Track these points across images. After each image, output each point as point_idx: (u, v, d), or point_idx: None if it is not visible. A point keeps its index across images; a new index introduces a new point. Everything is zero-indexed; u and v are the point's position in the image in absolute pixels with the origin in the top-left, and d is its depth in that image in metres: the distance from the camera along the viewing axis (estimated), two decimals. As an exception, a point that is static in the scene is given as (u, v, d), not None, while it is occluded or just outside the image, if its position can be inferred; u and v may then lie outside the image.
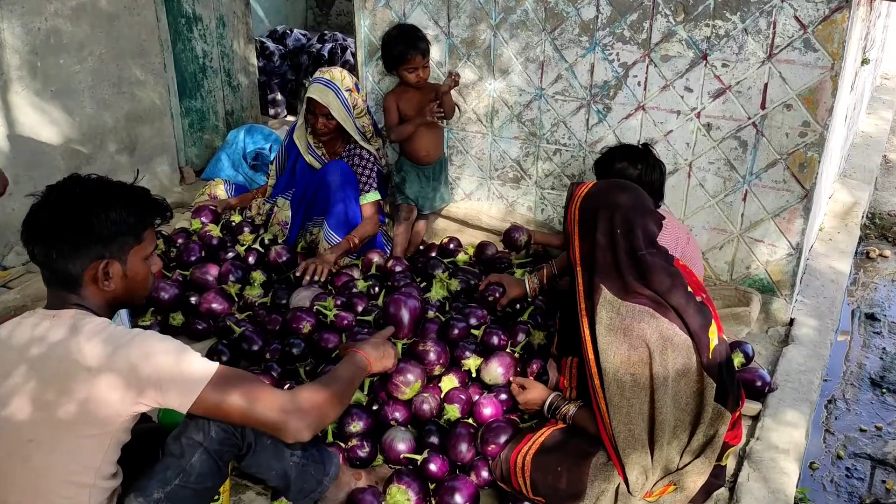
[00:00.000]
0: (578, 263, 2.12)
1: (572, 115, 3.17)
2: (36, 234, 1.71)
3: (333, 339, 2.62)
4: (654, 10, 2.86)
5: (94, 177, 1.81)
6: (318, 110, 3.25)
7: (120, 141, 3.91)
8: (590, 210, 2.08)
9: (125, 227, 1.74)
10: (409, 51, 3.19)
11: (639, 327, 1.98)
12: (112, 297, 1.77)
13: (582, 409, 2.18)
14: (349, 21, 7.48)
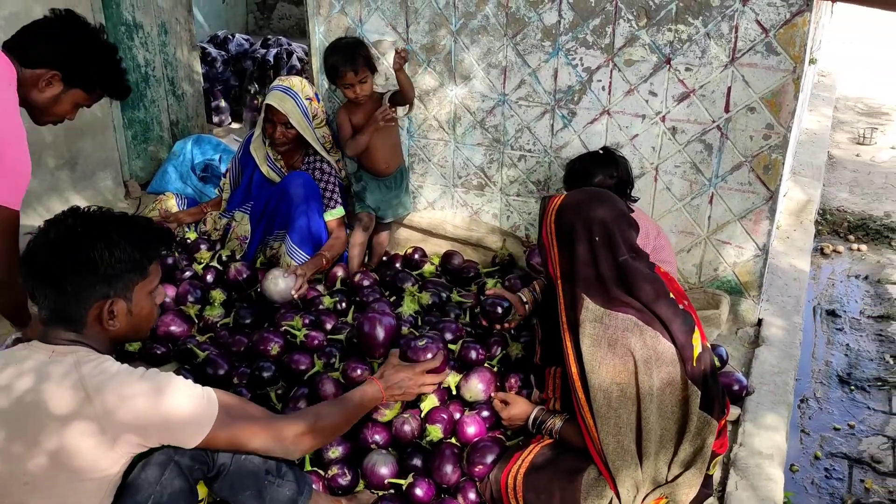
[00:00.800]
0: (559, 277, 2.08)
1: (537, 121, 3.13)
2: (36, 274, 1.61)
3: (304, 361, 2.52)
4: (616, 15, 2.84)
5: (94, 209, 1.71)
6: (277, 118, 3.14)
7: (60, 156, 3.71)
8: (566, 223, 2.04)
9: (130, 263, 1.64)
10: (341, 66, 3.04)
11: (623, 337, 1.95)
12: (116, 335, 1.68)
13: (568, 423, 2.14)
14: (292, 25, 7.34)
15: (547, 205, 2.11)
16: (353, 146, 3.20)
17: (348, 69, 3.02)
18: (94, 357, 1.61)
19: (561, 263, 2.05)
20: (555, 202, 2.10)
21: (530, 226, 3.35)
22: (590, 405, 2.01)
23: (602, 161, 2.70)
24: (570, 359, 2.05)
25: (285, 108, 3.11)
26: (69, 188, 3.79)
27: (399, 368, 2.16)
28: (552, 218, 2.07)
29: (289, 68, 5.73)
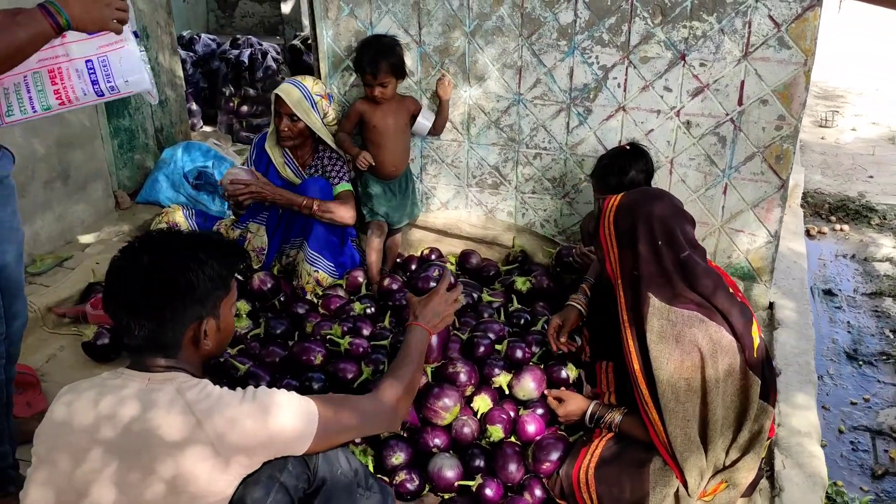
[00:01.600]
0: (619, 277, 2.12)
1: (552, 119, 3.18)
2: (133, 305, 1.56)
3: (352, 369, 2.52)
4: (632, 14, 2.91)
5: (170, 231, 1.68)
6: (284, 110, 3.10)
7: (52, 169, 3.60)
8: (626, 223, 2.08)
9: (219, 281, 1.63)
10: (367, 67, 3.05)
11: (690, 333, 2.02)
12: (208, 354, 1.66)
13: (628, 417, 2.20)
14: (255, 23, 7.23)
15: (604, 206, 2.15)
16: (339, 140, 3.21)
17: (367, 71, 3.03)
18: (195, 382, 1.59)
19: (622, 263, 2.10)
20: (611, 203, 2.15)
21: (545, 222, 3.40)
22: (653, 399, 2.07)
23: (633, 156, 2.76)
24: (633, 355, 2.10)
25: (292, 99, 3.07)
26: (63, 201, 3.68)
27: (424, 302, 2.17)
28: (611, 219, 2.11)
29: (264, 69, 5.65)
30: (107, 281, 1.62)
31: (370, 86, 3.07)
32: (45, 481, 1.49)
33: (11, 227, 2.05)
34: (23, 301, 2.17)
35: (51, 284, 3.27)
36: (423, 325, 2.12)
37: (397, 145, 3.24)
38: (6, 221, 2.03)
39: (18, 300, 2.13)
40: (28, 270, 3.39)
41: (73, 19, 1.83)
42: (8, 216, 2.03)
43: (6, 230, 2.03)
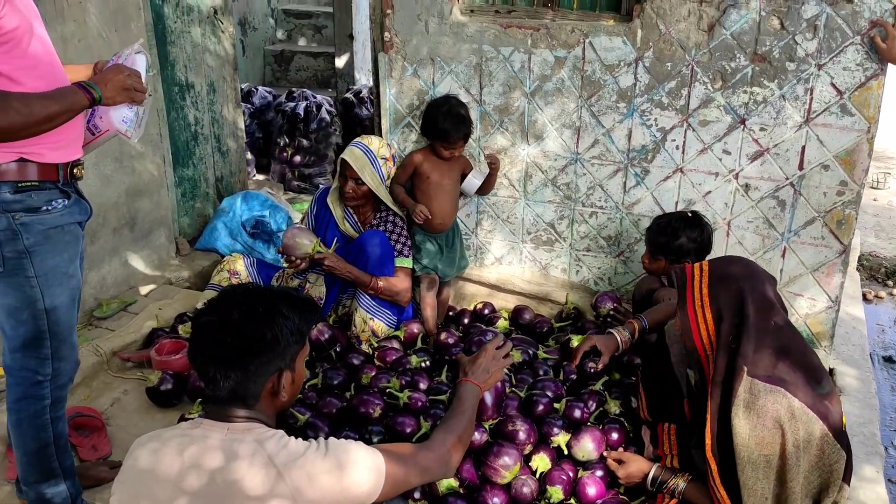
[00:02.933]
0: (711, 347, 2.09)
1: (609, 179, 3.22)
2: (222, 358, 1.61)
3: (411, 423, 2.53)
4: (692, 79, 2.96)
5: (251, 287, 1.75)
6: (350, 173, 3.20)
7: (121, 216, 3.73)
8: (724, 295, 2.06)
9: (298, 335, 1.68)
10: (454, 134, 3.15)
11: (773, 408, 1.98)
12: (282, 405, 1.71)
13: (692, 484, 2.18)
14: (309, 76, 7.45)
15: (687, 276, 2.14)
16: (394, 193, 3.28)
17: (459, 139, 3.16)
18: (272, 433, 1.63)
19: (718, 332, 2.06)
20: (697, 275, 2.12)
21: (599, 280, 3.42)
22: (721, 474, 2.04)
23: (690, 223, 2.79)
24: (709, 426, 2.08)
25: (358, 164, 3.16)
26: (129, 247, 3.80)
27: (474, 359, 2.24)
28: (704, 290, 2.09)
29: (318, 121, 5.81)
30: (195, 334, 1.68)
31: (451, 149, 3.17)
32: (129, 529, 1.54)
33: (66, 272, 2.13)
34: (70, 346, 2.21)
35: (116, 329, 3.36)
36: (473, 380, 2.17)
37: (448, 200, 3.31)
38: (61, 267, 2.10)
39: (65, 345, 2.18)
40: (94, 314, 3.49)
41: (104, 96, 2.06)
42: (64, 262, 2.11)
43: (60, 275, 2.10)
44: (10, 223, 1.99)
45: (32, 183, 2.00)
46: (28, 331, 2.10)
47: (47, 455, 2.22)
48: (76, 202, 2.13)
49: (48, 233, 2.05)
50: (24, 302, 2.07)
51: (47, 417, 2.19)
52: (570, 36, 3.06)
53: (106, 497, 2.46)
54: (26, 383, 2.14)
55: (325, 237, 3.38)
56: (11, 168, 1.97)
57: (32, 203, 2.01)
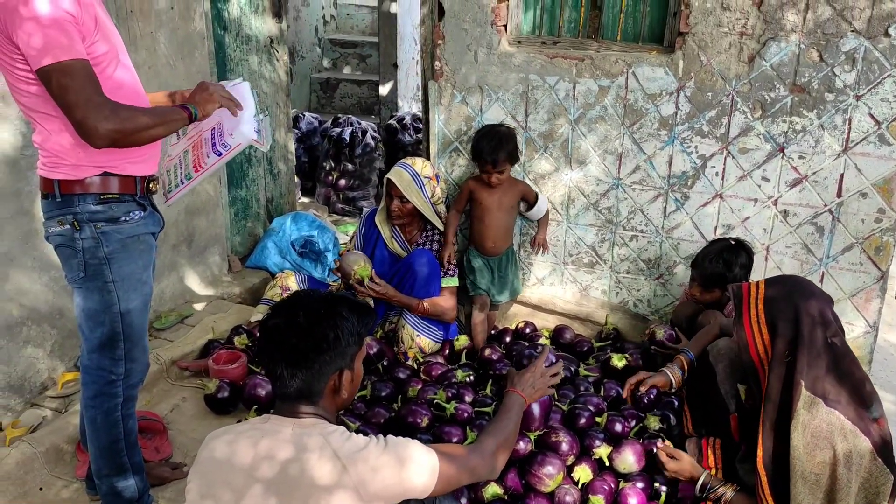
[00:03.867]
0: (768, 362, 2.16)
1: (650, 203, 3.33)
2: (290, 357, 1.74)
3: (457, 433, 2.64)
4: (732, 108, 3.06)
5: (313, 293, 1.89)
6: (395, 192, 3.35)
7: (180, 233, 3.92)
8: (781, 312, 2.14)
9: (357, 337, 1.81)
10: (485, 156, 3.27)
11: (828, 431, 2.05)
12: (342, 403, 1.83)
13: (739, 495, 2.24)
14: (353, 103, 7.67)
15: (744, 293, 2.23)
16: (448, 220, 3.44)
17: (488, 161, 3.26)
18: (335, 428, 1.75)
19: (773, 352, 2.14)
20: (754, 293, 2.21)
21: (639, 302, 3.51)
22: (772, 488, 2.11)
23: (736, 252, 2.92)
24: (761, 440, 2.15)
25: (403, 183, 3.32)
26: (186, 262, 3.98)
27: (523, 373, 2.35)
28: (760, 307, 2.17)
29: (363, 146, 5.99)
30: (264, 335, 1.81)
31: (488, 172, 3.29)
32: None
33: (140, 279, 2.29)
34: (142, 349, 2.36)
35: (174, 339, 3.53)
36: (520, 392, 2.28)
37: (501, 224, 3.43)
38: (136, 274, 2.26)
39: (137, 347, 2.34)
40: (154, 325, 3.67)
41: (199, 112, 2.24)
42: (139, 269, 2.27)
43: (135, 281, 2.26)
44: (93, 232, 2.16)
45: (113, 195, 2.18)
46: (104, 333, 2.26)
47: (118, 450, 2.36)
48: (151, 214, 2.30)
49: (125, 242, 2.21)
50: (101, 305, 2.23)
51: (119, 414, 2.34)
52: (614, 66, 3.20)
53: (168, 495, 2.62)
54: (101, 382, 2.30)
55: (373, 256, 3.53)
56: (95, 181, 2.15)
57: (113, 214, 2.18)
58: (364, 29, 8.35)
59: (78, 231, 2.15)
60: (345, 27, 8.42)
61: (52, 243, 2.24)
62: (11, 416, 3.01)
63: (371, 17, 8.19)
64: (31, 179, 2.98)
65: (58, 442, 2.83)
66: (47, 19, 1.90)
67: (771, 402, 2.13)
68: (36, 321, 3.11)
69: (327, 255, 4.49)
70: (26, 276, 3.03)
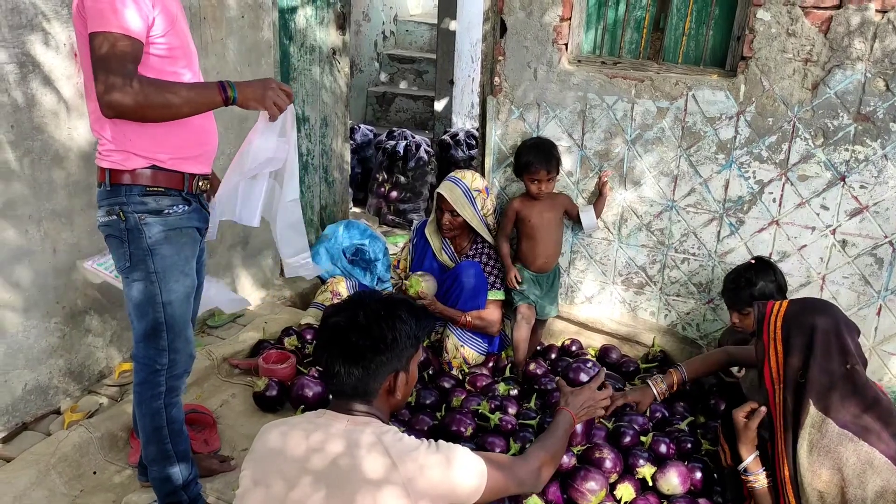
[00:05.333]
0: (781, 381, 2.18)
1: (703, 227, 3.31)
2: (348, 354, 1.79)
3: (500, 443, 2.66)
4: (793, 134, 3.04)
5: (374, 294, 1.93)
6: (445, 206, 3.39)
7: (236, 235, 4.02)
8: (797, 329, 2.15)
9: (414, 339, 1.84)
10: (536, 162, 3.28)
11: (836, 450, 2.04)
12: (396, 404, 1.86)
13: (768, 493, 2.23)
14: (407, 118, 7.78)
15: (765, 311, 2.23)
16: (498, 246, 3.46)
17: (542, 167, 3.27)
18: (388, 428, 1.79)
19: (786, 369, 2.16)
20: (775, 310, 2.21)
21: (688, 325, 3.48)
22: None
23: (760, 269, 2.89)
24: (784, 461, 2.14)
25: (453, 197, 3.36)
26: (240, 264, 4.09)
27: (577, 393, 2.36)
28: (777, 325, 2.18)
29: (416, 160, 6.08)
30: (323, 333, 1.86)
31: (538, 182, 3.30)
32: (261, 501, 1.71)
33: (182, 270, 2.32)
34: (184, 340, 2.39)
35: (226, 337, 3.62)
36: (571, 411, 2.29)
37: (550, 240, 3.45)
38: (178, 265, 2.30)
39: (180, 338, 2.37)
40: (207, 323, 3.77)
41: (239, 95, 2.16)
42: (181, 261, 2.31)
43: (177, 273, 2.30)
44: (137, 223, 2.21)
45: (159, 189, 2.22)
46: (148, 323, 2.31)
47: (162, 437, 2.42)
48: (196, 210, 2.33)
49: (168, 234, 2.25)
50: (145, 296, 2.28)
51: (161, 403, 2.39)
52: (674, 88, 3.20)
53: (216, 486, 2.68)
54: (146, 371, 2.36)
55: (423, 267, 3.58)
56: (144, 173, 2.19)
57: (156, 206, 2.22)
58: (422, 45, 8.48)
59: (123, 221, 2.20)
60: (403, 43, 8.55)
61: (103, 233, 2.30)
62: (70, 400, 3.13)
63: (430, 33, 8.31)
64: (103, 174, 3.11)
65: (113, 429, 2.93)
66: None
67: (787, 420, 2.13)
68: (98, 311, 3.23)
69: (377, 264, 4.55)
70: (91, 266, 3.15)
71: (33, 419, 3.03)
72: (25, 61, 2.75)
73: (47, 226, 2.95)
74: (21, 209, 2.84)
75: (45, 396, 3.08)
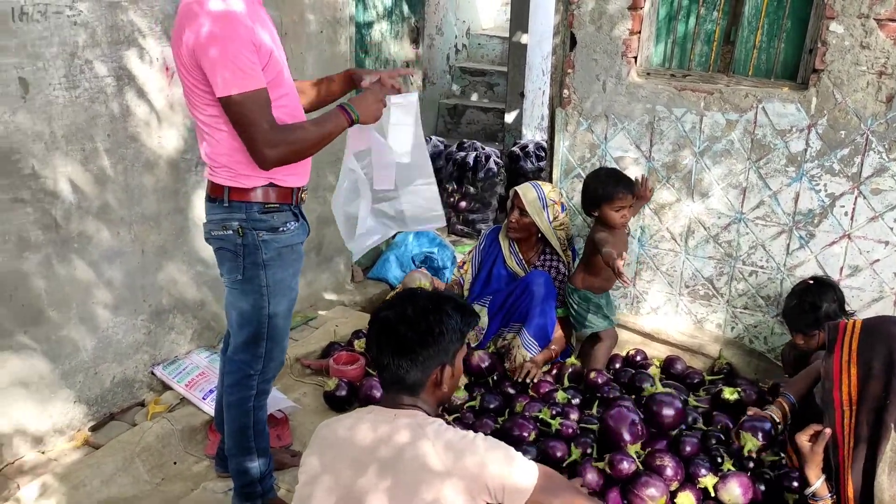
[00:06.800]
0: (853, 402, 2.15)
1: (772, 240, 3.29)
2: (397, 347, 1.87)
3: (561, 448, 2.70)
4: (866, 147, 3.00)
5: (422, 291, 2.01)
6: (517, 203, 3.46)
7: (310, 241, 4.13)
8: (876, 347, 2.12)
9: (459, 334, 1.92)
10: (620, 189, 3.22)
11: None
12: (443, 397, 1.94)
13: None
14: (478, 129, 7.88)
15: (839, 333, 2.20)
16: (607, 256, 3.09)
17: (628, 191, 3.23)
18: (433, 420, 1.86)
19: (862, 390, 2.13)
20: (849, 331, 2.19)
21: (755, 338, 3.45)
22: None
23: (822, 289, 2.87)
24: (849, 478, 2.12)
25: (528, 198, 3.42)
26: (314, 269, 4.25)
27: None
28: (854, 346, 2.16)
29: (486, 171, 6.16)
30: (374, 326, 1.95)
31: (619, 210, 3.22)
32: (329, 487, 1.81)
33: (289, 285, 2.44)
34: (281, 349, 2.54)
35: (299, 339, 3.78)
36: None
37: None
38: (286, 281, 2.42)
39: (277, 348, 2.51)
40: (282, 325, 3.94)
41: (360, 116, 2.34)
42: (288, 276, 2.43)
43: (285, 287, 2.42)
44: (255, 239, 2.32)
45: (274, 205, 2.33)
46: (251, 332, 2.43)
47: (247, 435, 2.56)
48: (302, 225, 2.46)
49: (281, 251, 2.37)
50: (253, 307, 2.39)
51: (251, 405, 2.53)
52: (744, 101, 3.20)
53: (288, 479, 2.81)
54: (240, 374, 2.49)
55: (491, 273, 3.66)
56: (263, 191, 2.30)
57: (273, 223, 2.33)
58: (494, 59, 8.57)
59: (241, 237, 2.30)
60: (475, 56, 8.67)
61: (213, 245, 2.41)
62: (154, 394, 3.32)
63: (501, 47, 8.40)
64: (188, 181, 3.31)
65: (193, 422, 3.10)
66: (234, 50, 2.07)
67: (862, 443, 2.10)
68: (181, 310, 3.42)
69: (445, 272, 4.66)
70: (177, 268, 3.35)
71: (120, 410, 3.23)
72: (122, 75, 2.96)
73: (137, 229, 3.15)
74: (114, 213, 3.05)
75: (131, 389, 3.28)
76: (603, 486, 2.54)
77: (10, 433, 2.86)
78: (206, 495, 2.79)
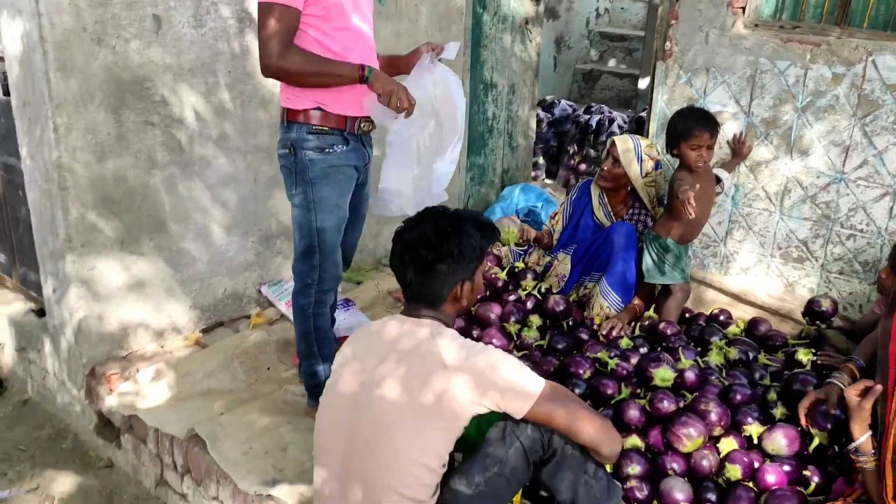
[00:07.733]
0: None
1: (874, 202, 3.12)
2: (418, 263, 2.04)
3: (612, 386, 2.76)
4: (983, 103, 2.78)
5: (443, 209, 2.14)
6: (612, 152, 3.47)
7: (418, 186, 4.40)
8: None
9: (479, 251, 2.07)
10: (698, 126, 3.13)
11: None
12: (461, 309, 2.10)
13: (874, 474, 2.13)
14: (612, 95, 7.79)
15: None
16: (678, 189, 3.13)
17: (705, 130, 3.12)
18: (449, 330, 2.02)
19: None
20: None
21: (849, 305, 3.30)
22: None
23: None
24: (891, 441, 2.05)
25: (623, 147, 3.43)
26: (419, 213, 4.47)
27: None
28: None
29: (608, 134, 6.12)
30: (397, 246, 2.11)
31: (699, 147, 3.14)
32: (355, 370, 2.03)
33: (336, 204, 2.63)
34: (332, 263, 2.71)
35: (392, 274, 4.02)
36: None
37: (705, 213, 3.38)
38: (332, 199, 2.61)
39: (328, 260, 2.70)
40: (381, 262, 4.21)
41: (372, 78, 2.46)
42: (335, 195, 2.61)
43: (331, 205, 2.62)
44: (304, 158, 2.56)
45: (323, 128, 2.55)
46: (305, 243, 2.68)
47: (310, 340, 2.82)
48: (355, 149, 2.63)
49: (327, 171, 2.58)
50: (304, 220, 2.65)
51: (311, 311, 2.78)
52: (853, 53, 3.04)
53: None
54: (301, 283, 2.75)
55: (578, 222, 3.71)
56: (312, 114, 2.53)
57: (319, 144, 2.55)
58: (636, 23, 8.40)
59: (294, 156, 2.56)
60: (617, 21, 8.53)
61: (280, 163, 2.68)
62: (258, 308, 3.69)
63: (644, 11, 8.22)
64: (298, 117, 3.60)
65: (287, 336, 3.43)
66: None
67: None
68: (287, 237, 3.76)
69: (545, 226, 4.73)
70: (283, 196, 3.66)
71: (229, 320, 3.62)
72: (243, 17, 3.29)
73: (251, 158, 3.50)
74: (231, 142, 3.40)
75: (240, 303, 3.66)
76: (645, 424, 2.58)
77: (136, 325, 3.31)
78: (287, 395, 3.12)
